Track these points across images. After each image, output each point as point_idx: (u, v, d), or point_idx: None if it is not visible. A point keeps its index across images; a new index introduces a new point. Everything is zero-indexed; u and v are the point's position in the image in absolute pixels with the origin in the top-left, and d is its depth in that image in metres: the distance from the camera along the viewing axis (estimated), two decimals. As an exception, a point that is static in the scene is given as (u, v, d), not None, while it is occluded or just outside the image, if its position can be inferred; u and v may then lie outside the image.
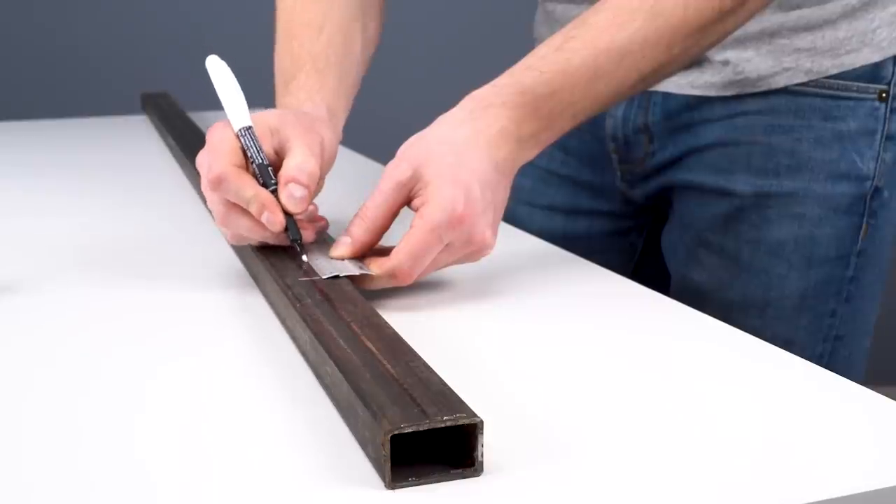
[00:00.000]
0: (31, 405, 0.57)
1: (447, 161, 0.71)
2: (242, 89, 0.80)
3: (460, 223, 0.69)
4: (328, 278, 0.69)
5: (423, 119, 0.76)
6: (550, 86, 0.74)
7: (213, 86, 0.81)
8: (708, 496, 0.46)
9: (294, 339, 0.65)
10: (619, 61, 0.75)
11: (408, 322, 0.66)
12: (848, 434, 0.53)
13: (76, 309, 0.73)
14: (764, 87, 0.92)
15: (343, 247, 0.72)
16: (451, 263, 0.73)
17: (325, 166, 0.77)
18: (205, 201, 0.79)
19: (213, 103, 0.88)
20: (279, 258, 0.73)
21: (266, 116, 0.76)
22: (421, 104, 1.12)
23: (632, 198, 1.04)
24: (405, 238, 0.70)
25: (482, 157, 0.72)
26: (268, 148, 0.74)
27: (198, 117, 1.41)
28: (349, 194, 1.06)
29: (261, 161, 0.73)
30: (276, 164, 0.74)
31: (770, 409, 0.56)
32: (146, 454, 0.51)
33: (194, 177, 1.05)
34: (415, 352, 0.56)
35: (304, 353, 0.62)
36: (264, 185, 0.72)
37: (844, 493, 0.46)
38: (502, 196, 0.74)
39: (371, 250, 0.74)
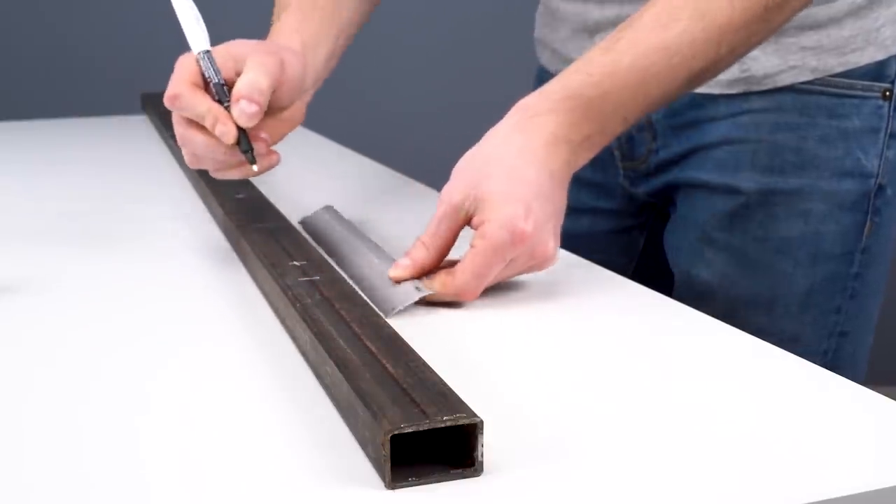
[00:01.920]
0: (31, 405, 0.57)
1: (502, 177, 0.70)
2: None
3: (522, 241, 0.69)
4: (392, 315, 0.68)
5: (423, 118, 0.76)
6: (600, 88, 0.73)
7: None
8: (707, 496, 0.46)
9: (294, 339, 0.65)
10: (669, 61, 0.74)
11: (408, 322, 0.66)
12: (848, 434, 0.53)
13: (76, 310, 0.73)
14: (770, 86, 0.92)
15: (402, 269, 0.72)
16: (514, 276, 0.73)
17: (288, 86, 0.79)
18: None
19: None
20: (279, 258, 0.73)
21: (230, 45, 0.80)
22: (422, 104, 1.12)
23: (634, 195, 1.04)
24: (469, 257, 0.70)
25: (537, 168, 0.71)
26: (229, 73, 0.77)
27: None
28: (352, 194, 1.07)
29: (217, 80, 0.76)
30: None
31: (770, 410, 0.56)
32: (146, 454, 0.51)
33: (195, 177, 1.05)
34: (415, 352, 0.56)
35: (304, 353, 0.62)
36: (220, 102, 0.75)
37: (844, 494, 0.46)
38: (560, 205, 0.73)
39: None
